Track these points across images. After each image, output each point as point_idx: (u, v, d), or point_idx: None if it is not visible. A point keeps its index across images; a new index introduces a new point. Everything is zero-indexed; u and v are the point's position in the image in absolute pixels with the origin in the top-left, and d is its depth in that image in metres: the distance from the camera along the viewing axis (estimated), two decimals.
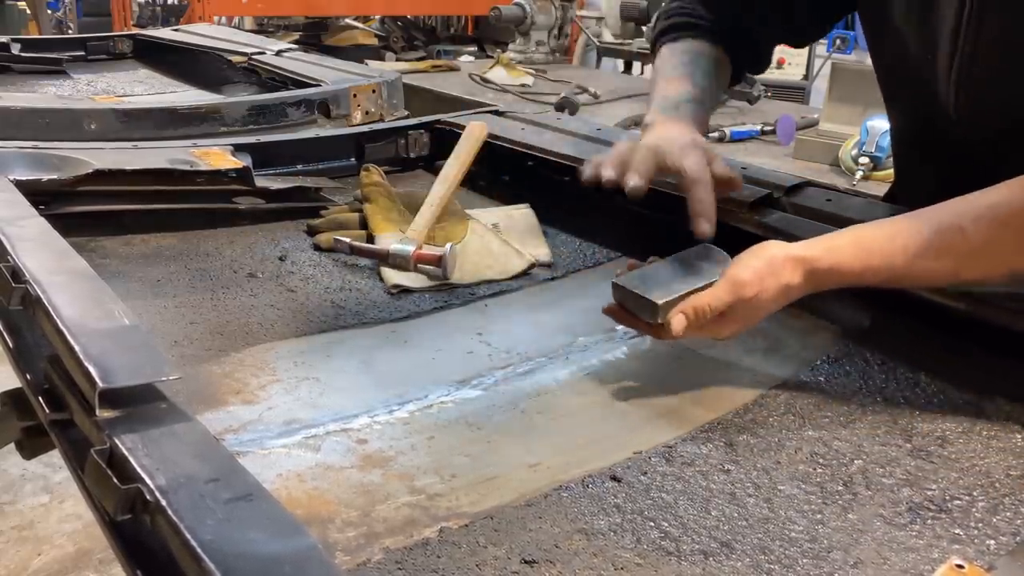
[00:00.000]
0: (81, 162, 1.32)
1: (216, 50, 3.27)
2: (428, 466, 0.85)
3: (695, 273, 1.00)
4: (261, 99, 2.42)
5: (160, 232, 1.38)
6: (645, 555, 0.73)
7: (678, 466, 0.86)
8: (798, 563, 0.72)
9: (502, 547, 0.73)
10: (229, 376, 0.99)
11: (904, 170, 1.43)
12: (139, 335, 0.71)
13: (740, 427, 0.93)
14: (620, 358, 1.09)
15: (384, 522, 0.77)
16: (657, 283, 0.99)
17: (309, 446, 0.87)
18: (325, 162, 1.68)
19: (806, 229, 1.21)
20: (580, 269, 1.34)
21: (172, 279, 1.23)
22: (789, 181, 1.33)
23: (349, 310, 1.17)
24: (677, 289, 0.98)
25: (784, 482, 0.83)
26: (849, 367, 1.05)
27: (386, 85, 2.58)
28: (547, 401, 0.98)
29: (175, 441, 0.59)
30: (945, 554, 0.73)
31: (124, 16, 6.99)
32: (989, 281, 0.97)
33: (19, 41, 3.41)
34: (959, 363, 1.04)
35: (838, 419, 0.94)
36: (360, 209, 1.40)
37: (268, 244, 1.37)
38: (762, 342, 1.12)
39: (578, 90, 3.52)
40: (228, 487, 0.54)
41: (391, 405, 0.96)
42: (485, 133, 1.54)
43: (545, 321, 1.17)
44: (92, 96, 2.94)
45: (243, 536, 0.50)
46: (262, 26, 7.71)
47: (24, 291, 0.77)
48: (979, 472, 0.84)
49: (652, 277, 1.01)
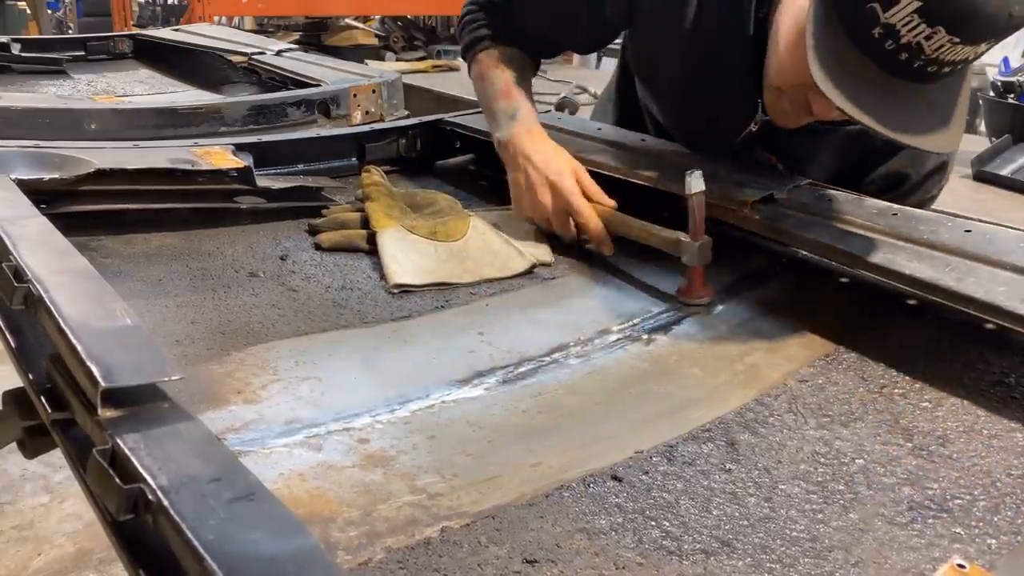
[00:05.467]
0: (82, 161, 1.32)
1: (216, 50, 3.27)
2: (429, 465, 0.85)
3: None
4: (261, 99, 2.42)
5: (161, 231, 1.38)
6: (646, 554, 0.73)
7: (679, 465, 0.86)
8: (799, 562, 0.72)
9: (503, 546, 0.73)
10: (231, 375, 0.99)
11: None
12: (141, 334, 0.71)
13: (741, 426, 0.93)
14: (621, 358, 1.09)
15: (386, 521, 0.77)
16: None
17: (311, 445, 0.87)
18: (326, 162, 1.69)
19: (806, 229, 1.22)
20: (580, 269, 1.34)
21: (173, 278, 1.23)
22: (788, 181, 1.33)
23: (350, 309, 1.17)
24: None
25: (785, 481, 0.83)
26: (849, 367, 1.05)
27: (386, 85, 2.59)
28: (548, 401, 0.98)
29: (177, 441, 0.59)
30: (946, 553, 0.73)
31: (124, 16, 6.99)
32: None
33: (19, 41, 3.42)
34: (959, 363, 1.04)
35: (839, 418, 0.94)
36: (361, 209, 1.41)
37: (269, 243, 1.37)
38: (762, 342, 1.12)
39: (578, 90, 3.52)
40: (230, 487, 0.54)
41: (392, 404, 0.96)
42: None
43: (546, 320, 1.17)
44: (92, 96, 2.94)
45: (245, 536, 0.50)
46: (262, 26, 7.72)
47: (26, 290, 0.77)
48: (980, 471, 0.84)
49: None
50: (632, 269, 1.32)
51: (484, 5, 1.53)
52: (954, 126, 1.08)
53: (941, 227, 1.15)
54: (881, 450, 0.88)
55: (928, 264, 1.08)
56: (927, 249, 1.11)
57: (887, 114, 1.04)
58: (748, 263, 1.34)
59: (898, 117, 1.05)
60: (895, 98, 1.05)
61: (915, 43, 1.00)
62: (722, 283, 1.27)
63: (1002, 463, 0.86)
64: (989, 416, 0.94)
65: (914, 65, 1.02)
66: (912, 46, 1.00)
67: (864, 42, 1.03)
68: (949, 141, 1.08)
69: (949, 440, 0.90)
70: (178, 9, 8.99)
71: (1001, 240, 1.10)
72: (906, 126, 1.06)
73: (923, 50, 1.00)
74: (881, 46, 1.02)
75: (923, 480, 0.83)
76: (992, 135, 3.89)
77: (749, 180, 1.32)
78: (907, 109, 1.05)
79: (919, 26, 0.99)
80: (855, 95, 1.03)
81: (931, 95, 1.06)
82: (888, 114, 1.04)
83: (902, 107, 1.05)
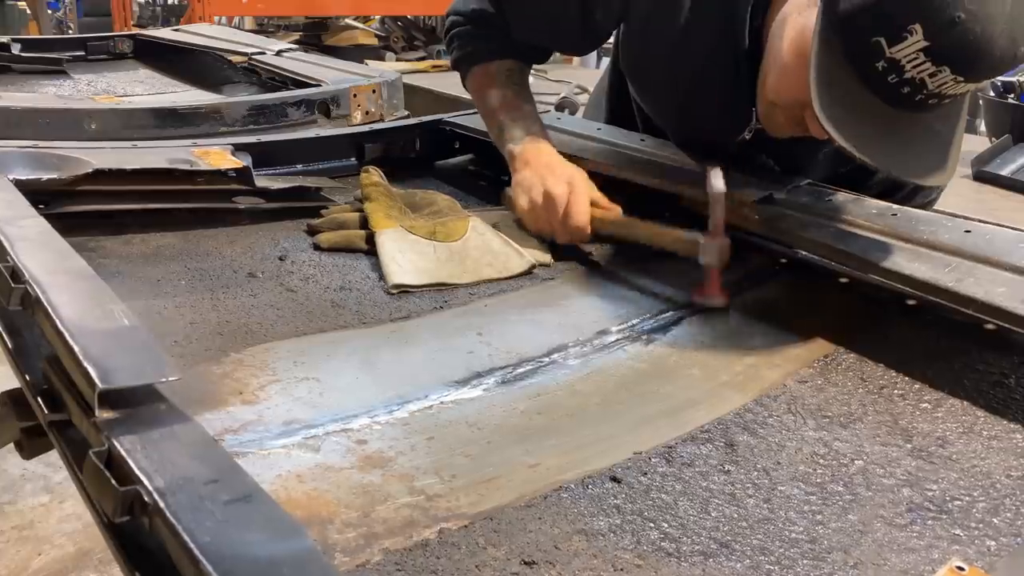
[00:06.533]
0: (81, 162, 1.32)
1: (216, 50, 3.27)
2: (428, 467, 0.85)
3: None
4: (261, 99, 2.42)
5: (160, 232, 1.38)
6: (645, 556, 0.73)
7: (678, 467, 0.86)
8: (798, 564, 0.72)
9: (502, 548, 0.73)
10: (229, 376, 0.99)
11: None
12: (139, 335, 0.71)
13: (740, 427, 0.93)
14: (620, 359, 1.09)
15: (384, 523, 0.76)
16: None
17: (309, 447, 0.87)
18: (325, 162, 1.68)
19: (806, 229, 1.21)
20: (579, 270, 1.34)
21: (172, 279, 1.23)
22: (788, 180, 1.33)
23: (349, 310, 1.17)
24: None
25: (784, 483, 0.83)
26: (849, 367, 1.05)
27: (386, 85, 2.59)
28: (547, 401, 0.98)
29: (174, 442, 0.59)
30: (945, 555, 0.72)
31: (124, 16, 7.00)
32: None
33: (19, 41, 3.42)
34: (959, 363, 1.04)
35: (838, 419, 0.94)
36: (360, 209, 1.40)
37: (268, 244, 1.37)
38: (761, 342, 1.12)
39: (578, 90, 3.53)
40: (227, 489, 0.54)
41: (391, 405, 0.95)
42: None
43: (545, 321, 1.17)
44: (92, 96, 2.94)
45: (242, 538, 0.50)
46: (262, 26, 7.72)
47: (23, 291, 0.77)
48: (979, 473, 0.84)
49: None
50: (632, 270, 1.32)
51: (471, 17, 1.52)
52: (952, 154, 1.09)
53: (941, 227, 1.14)
54: (880, 451, 0.88)
55: (928, 264, 1.08)
56: (927, 249, 1.11)
57: (885, 150, 1.05)
58: (748, 263, 1.34)
59: (897, 152, 1.06)
60: (894, 129, 1.05)
61: (918, 79, 1.00)
62: (721, 283, 1.26)
63: (1002, 464, 0.85)
64: (989, 417, 0.94)
65: (915, 98, 1.02)
66: (916, 81, 1.00)
67: (867, 74, 1.03)
68: (945, 172, 1.09)
69: (948, 441, 0.90)
70: (178, 9, 8.99)
71: (1001, 240, 1.10)
72: (903, 160, 1.06)
73: (926, 85, 1.00)
74: (884, 79, 1.02)
75: (922, 481, 0.83)
76: (992, 135, 3.88)
77: (749, 180, 1.32)
78: (905, 140, 1.06)
79: (924, 64, 0.99)
80: (854, 129, 1.03)
81: (929, 123, 1.07)
82: (886, 150, 1.05)
83: (900, 139, 1.06)
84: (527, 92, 1.53)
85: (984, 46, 0.97)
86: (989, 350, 1.05)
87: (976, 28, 0.96)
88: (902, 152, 1.06)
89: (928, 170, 1.09)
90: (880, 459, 0.87)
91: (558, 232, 1.35)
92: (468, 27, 1.53)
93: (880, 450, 0.88)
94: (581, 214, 1.32)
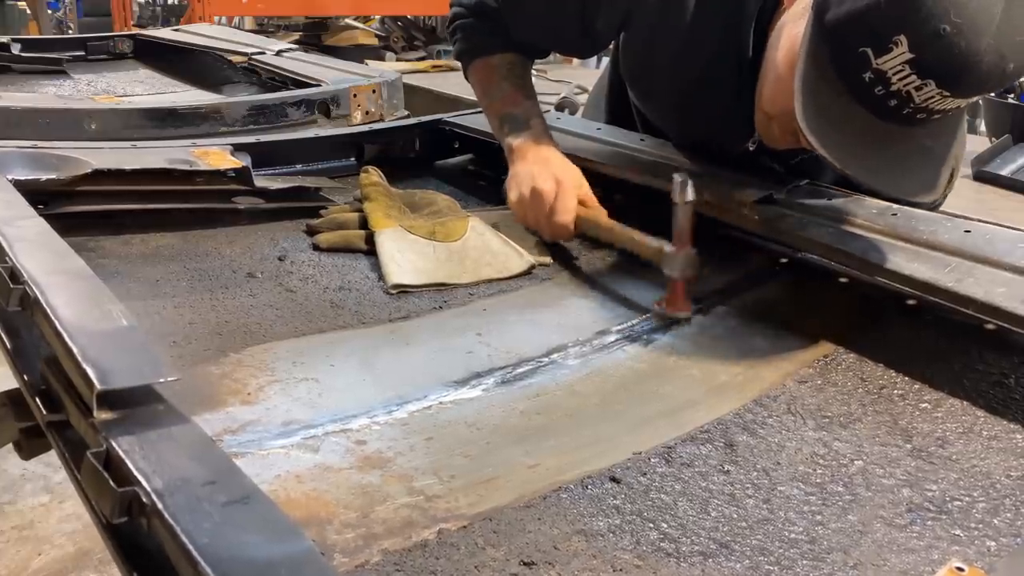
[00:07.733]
0: (80, 162, 1.32)
1: (216, 50, 3.27)
2: (427, 467, 0.85)
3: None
4: (261, 99, 2.42)
5: (159, 232, 1.38)
6: (644, 556, 0.73)
7: (677, 467, 0.86)
8: (797, 564, 0.72)
9: (501, 548, 0.73)
10: (228, 376, 0.99)
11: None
12: (137, 336, 0.71)
13: (739, 428, 0.93)
14: (620, 359, 1.09)
15: (383, 523, 0.76)
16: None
17: (308, 447, 0.87)
18: (325, 162, 1.68)
19: (806, 229, 1.21)
20: (579, 270, 1.34)
21: (171, 279, 1.23)
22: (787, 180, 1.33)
23: (348, 310, 1.17)
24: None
25: (784, 483, 0.83)
26: (849, 368, 1.05)
27: (386, 85, 2.58)
28: (546, 402, 0.98)
29: (172, 443, 0.59)
30: (945, 555, 0.72)
31: (124, 16, 7.00)
32: None
33: (19, 41, 3.42)
34: (959, 364, 1.04)
35: (838, 419, 0.94)
36: (360, 209, 1.40)
37: (267, 244, 1.37)
38: (761, 343, 1.12)
39: (578, 90, 3.52)
40: (225, 490, 0.54)
41: (390, 406, 0.95)
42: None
43: (545, 321, 1.17)
44: (92, 96, 2.94)
45: (239, 539, 0.50)
46: (262, 26, 7.72)
47: (22, 292, 0.77)
48: (979, 473, 0.84)
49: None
50: (632, 270, 1.32)
51: (474, 9, 1.52)
52: (943, 172, 1.07)
53: (941, 227, 1.14)
54: (880, 451, 0.88)
55: (928, 264, 1.08)
56: (927, 249, 1.11)
57: (870, 163, 1.03)
58: (748, 263, 1.34)
59: (883, 167, 1.04)
60: (883, 143, 1.04)
61: (904, 91, 0.99)
62: (721, 283, 1.26)
63: (1001, 464, 0.85)
64: (988, 417, 0.94)
65: (903, 111, 1.01)
66: (902, 94, 0.99)
67: (854, 85, 1.02)
68: (934, 190, 1.07)
69: (948, 441, 0.90)
70: (178, 9, 8.99)
71: (1001, 240, 1.09)
72: (889, 174, 1.05)
73: (912, 99, 0.99)
74: (871, 91, 1.00)
75: (922, 482, 0.83)
76: (992, 135, 3.88)
77: (749, 180, 1.32)
78: (894, 155, 1.04)
79: (909, 76, 0.97)
80: (839, 140, 1.02)
81: (919, 138, 1.05)
82: (872, 163, 1.03)
83: (889, 154, 1.04)
84: (529, 86, 1.53)
85: (970, 60, 0.95)
86: (989, 350, 1.05)
87: (961, 42, 0.94)
88: (889, 167, 1.05)
89: (915, 186, 1.07)
90: (880, 459, 0.87)
91: (543, 228, 1.35)
92: (471, 20, 1.53)
93: (880, 450, 0.88)
94: (566, 212, 1.32)
